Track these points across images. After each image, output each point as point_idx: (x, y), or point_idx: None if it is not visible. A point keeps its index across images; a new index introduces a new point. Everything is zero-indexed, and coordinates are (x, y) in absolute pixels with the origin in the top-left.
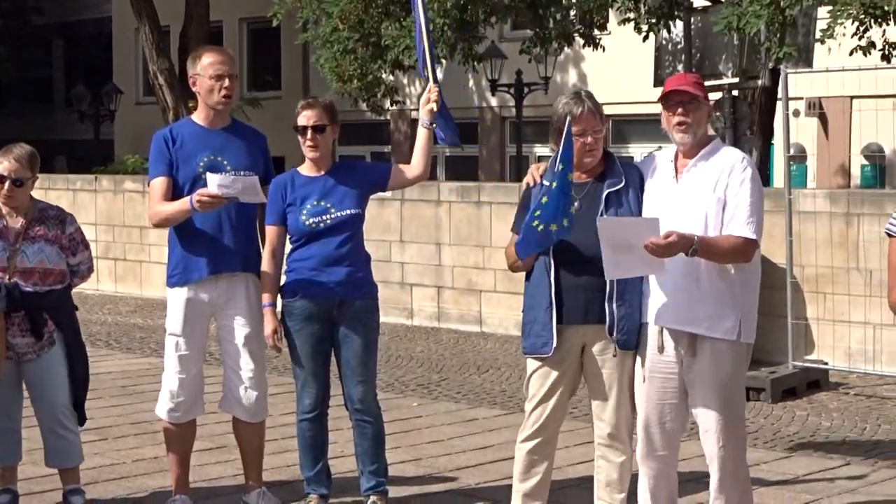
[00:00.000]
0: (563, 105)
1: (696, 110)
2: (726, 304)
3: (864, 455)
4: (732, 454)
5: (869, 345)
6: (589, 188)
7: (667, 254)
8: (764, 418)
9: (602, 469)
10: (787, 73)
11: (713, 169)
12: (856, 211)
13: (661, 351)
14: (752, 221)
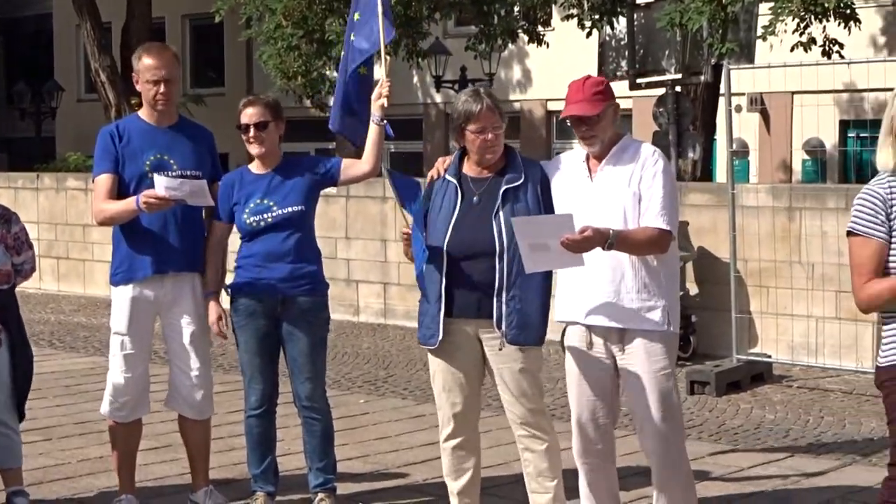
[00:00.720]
0: (462, 103)
1: (599, 122)
2: (653, 295)
3: (808, 447)
4: (672, 446)
5: (811, 338)
6: (488, 183)
7: (583, 248)
8: (709, 411)
9: (529, 461)
10: (730, 68)
11: (626, 165)
12: (798, 205)
13: (590, 348)
14: (665, 213)
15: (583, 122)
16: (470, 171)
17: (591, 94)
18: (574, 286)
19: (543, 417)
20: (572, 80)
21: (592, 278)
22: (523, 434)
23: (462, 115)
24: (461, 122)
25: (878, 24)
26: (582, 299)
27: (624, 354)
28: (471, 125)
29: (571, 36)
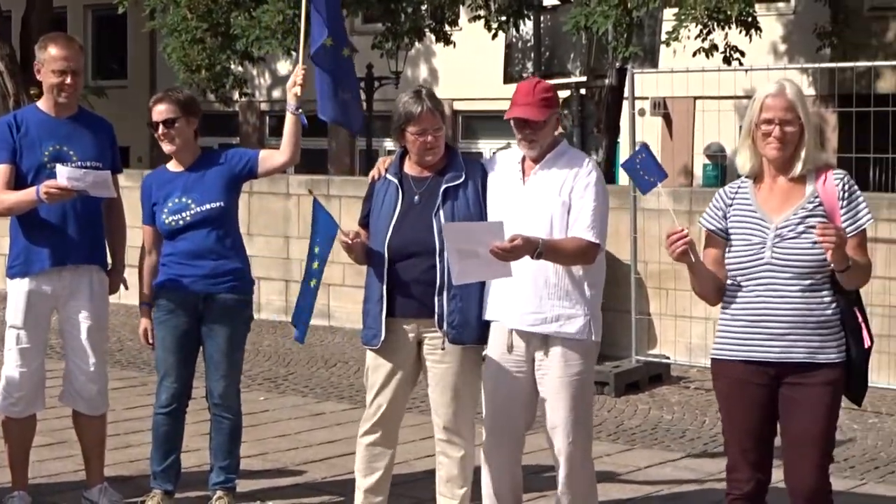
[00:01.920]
0: (402, 105)
1: (543, 128)
2: (576, 303)
3: (704, 447)
4: (580, 449)
5: (709, 339)
6: (428, 183)
7: (511, 257)
8: (608, 411)
9: (443, 465)
10: (634, 72)
11: (559, 172)
12: (698, 209)
13: (511, 351)
14: (594, 226)
15: (527, 126)
16: (411, 170)
17: (539, 99)
18: (500, 288)
19: (467, 424)
20: (479, 79)
21: (518, 282)
22: (443, 438)
23: (403, 116)
24: (402, 123)
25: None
26: (506, 302)
27: (543, 359)
28: (411, 127)
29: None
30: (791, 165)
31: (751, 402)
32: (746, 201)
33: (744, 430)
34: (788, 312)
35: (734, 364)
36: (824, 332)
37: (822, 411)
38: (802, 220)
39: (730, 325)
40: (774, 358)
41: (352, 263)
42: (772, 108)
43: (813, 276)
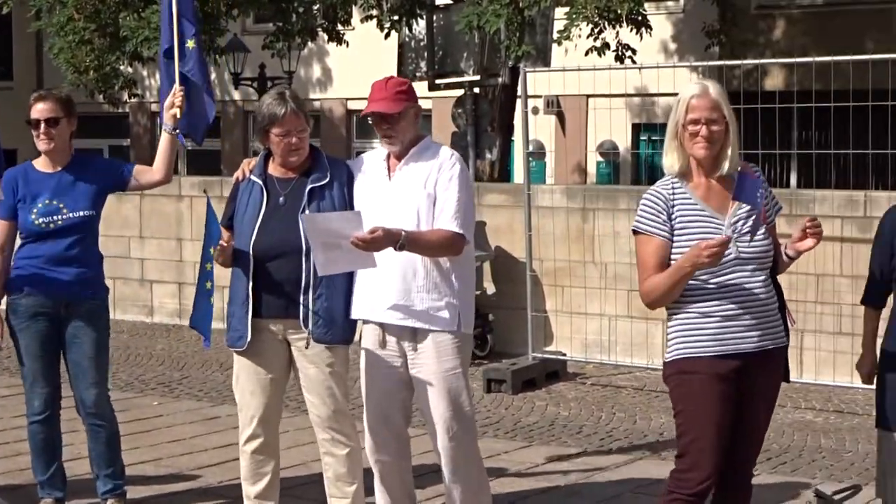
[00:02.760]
0: (266, 106)
1: (400, 121)
2: (445, 296)
3: (600, 442)
4: (462, 444)
5: (605, 335)
6: (293, 184)
7: (373, 248)
8: (505, 409)
9: (329, 465)
10: (526, 71)
11: (424, 166)
12: (591, 206)
13: (383, 346)
14: (459, 217)
15: (384, 120)
16: (275, 171)
17: (393, 93)
18: (368, 284)
19: (347, 421)
20: (373, 79)
21: (385, 277)
22: (325, 438)
23: (266, 117)
24: (265, 124)
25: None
26: (375, 297)
27: (415, 354)
28: (275, 128)
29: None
30: (718, 164)
31: (723, 397)
32: (690, 201)
33: (714, 429)
34: (757, 303)
35: (710, 360)
36: (777, 318)
37: (774, 397)
38: (749, 214)
39: (703, 323)
40: (751, 348)
41: None
42: (697, 108)
43: (766, 267)
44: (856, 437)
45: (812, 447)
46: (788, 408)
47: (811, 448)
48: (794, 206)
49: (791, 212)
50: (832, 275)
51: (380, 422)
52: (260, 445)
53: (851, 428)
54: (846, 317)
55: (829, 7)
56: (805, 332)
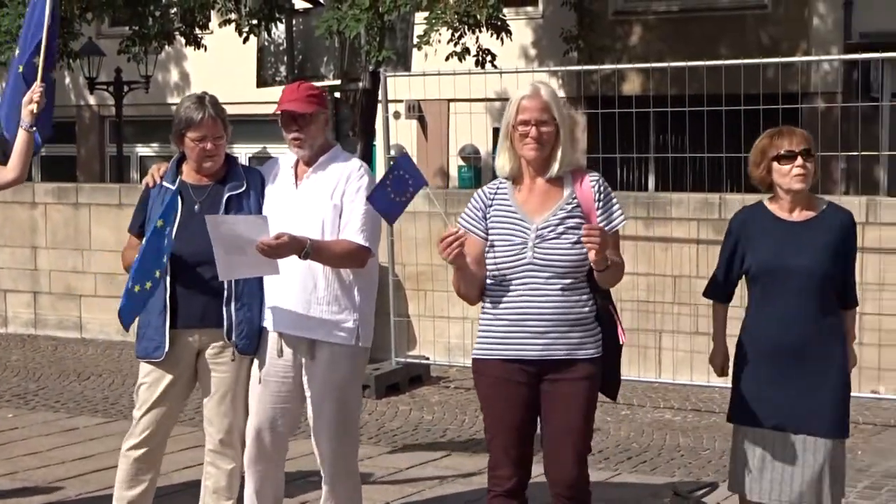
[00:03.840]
0: (184, 109)
1: (310, 124)
2: (345, 309)
3: (464, 446)
4: (345, 454)
5: (467, 339)
6: (210, 191)
7: (277, 254)
8: (369, 414)
9: (210, 475)
10: (387, 76)
11: (331, 176)
12: (454, 210)
13: (280, 355)
14: (365, 229)
15: (295, 122)
16: (189, 178)
17: (305, 96)
18: (269, 293)
19: (239, 436)
20: (232, 83)
21: (286, 286)
22: (216, 450)
23: (183, 121)
24: (182, 128)
25: (528, 37)
26: (275, 307)
27: (311, 364)
28: (191, 132)
29: (230, 40)
30: (548, 166)
31: (513, 400)
32: (506, 202)
33: (506, 429)
34: (549, 311)
35: (497, 363)
36: (583, 329)
37: (581, 405)
38: (562, 221)
39: (492, 325)
40: (536, 356)
41: (105, 272)
42: (528, 110)
43: (572, 276)
44: (713, 435)
45: (671, 446)
46: (647, 407)
47: (670, 447)
48: (652, 209)
49: (649, 215)
50: (689, 276)
51: (266, 430)
52: (145, 454)
53: (709, 426)
54: (703, 317)
55: (685, 13)
56: (663, 332)
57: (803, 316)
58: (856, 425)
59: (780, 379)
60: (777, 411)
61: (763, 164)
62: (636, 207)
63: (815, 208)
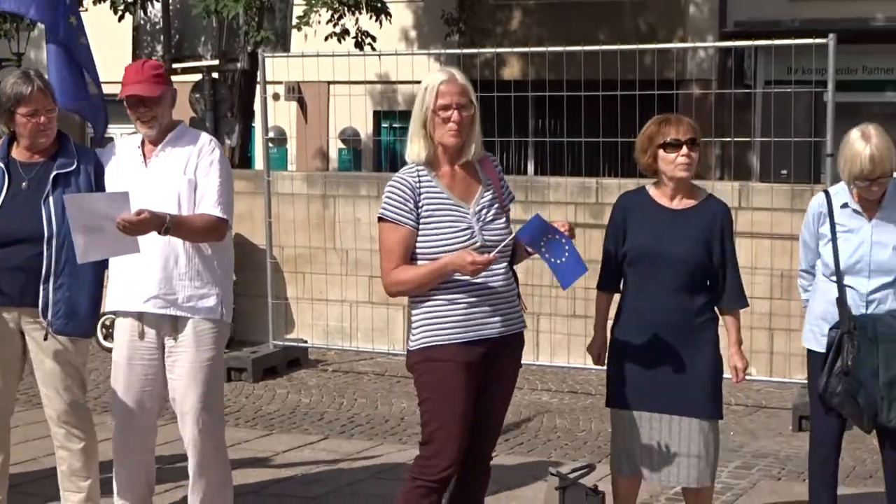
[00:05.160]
0: (10, 86)
1: (158, 105)
2: (207, 283)
3: (342, 429)
4: (212, 435)
5: (346, 322)
6: (38, 168)
7: (138, 231)
8: (245, 398)
9: (63, 459)
10: (265, 57)
11: (182, 152)
12: (332, 193)
13: (142, 338)
14: (221, 202)
15: (142, 104)
16: (19, 155)
17: (150, 76)
18: (127, 274)
19: (83, 415)
20: (107, 62)
21: (145, 265)
22: (60, 432)
23: (12, 97)
24: (10, 105)
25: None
26: (134, 287)
27: (174, 343)
28: (21, 108)
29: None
30: (464, 152)
31: (468, 386)
32: (435, 189)
33: (457, 416)
34: (500, 289)
35: (456, 347)
36: (517, 304)
37: (516, 376)
38: (490, 203)
39: (448, 310)
40: (495, 333)
41: None
42: (448, 94)
43: (508, 254)
44: (589, 416)
45: (548, 427)
46: (525, 389)
47: (547, 428)
48: (531, 192)
49: (527, 198)
50: None
51: (132, 414)
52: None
53: (585, 408)
54: (580, 300)
55: None
56: (541, 315)
57: (677, 300)
58: (728, 406)
59: (655, 362)
60: (652, 394)
61: (650, 150)
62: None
63: (695, 197)
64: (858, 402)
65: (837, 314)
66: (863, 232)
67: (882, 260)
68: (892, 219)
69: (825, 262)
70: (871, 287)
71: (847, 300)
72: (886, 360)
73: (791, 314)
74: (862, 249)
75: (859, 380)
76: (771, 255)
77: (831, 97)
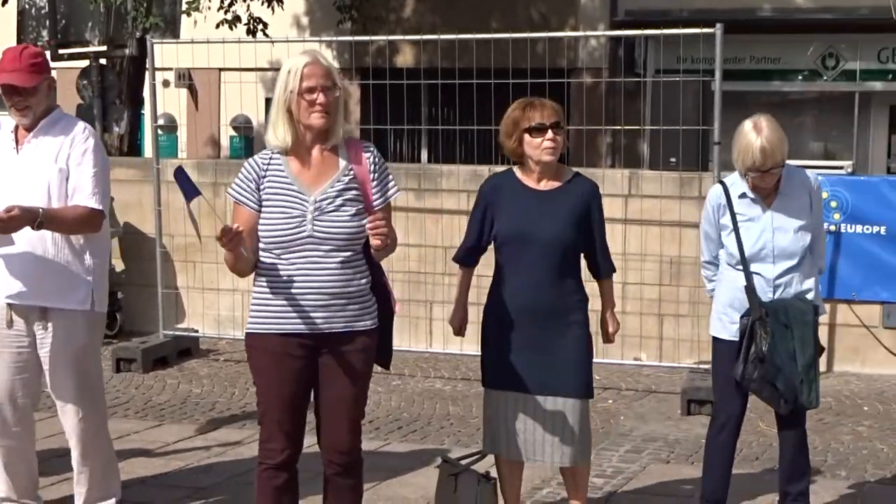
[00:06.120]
0: None
1: (34, 94)
2: (77, 274)
3: (233, 418)
4: (92, 424)
5: (237, 311)
6: None
7: (10, 229)
8: (135, 388)
9: None
10: (154, 43)
11: (55, 140)
12: (223, 181)
13: (10, 326)
14: (97, 192)
15: (16, 93)
16: None
17: (27, 65)
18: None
19: None
20: None
21: (14, 256)
22: None
23: None
24: None
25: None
26: (3, 277)
27: (45, 333)
28: None
29: None
30: (328, 136)
31: (288, 374)
32: (281, 174)
33: (281, 403)
34: (329, 284)
35: (273, 337)
36: (360, 301)
37: (358, 376)
38: (340, 193)
39: (269, 299)
40: (317, 329)
41: None
42: (313, 76)
43: (351, 248)
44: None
45: (441, 415)
46: (419, 377)
47: (440, 416)
48: (424, 180)
49: (420, 186)
50: None
51: (7, 405)
52: None
53: (478, 394)
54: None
55: None
56: (434, 303)
57: (546, 281)
58: (618, 391)
59: (526, 342)
60: (524, 374)
61: (515, 135)
62: (408, 179)
63: (562, 178)
64: (777, 387)
65: (746, 301)
66: (763, 219)
67: (784, 245)
68: (789, 204)
69: (729, 251)
70: (776, 272)
71: (755, 287)
72: (802, 343)
73: (679, 300)
74: (765, 236)
75: (776, 365)
76: (660, 242)
77: (718, 86)
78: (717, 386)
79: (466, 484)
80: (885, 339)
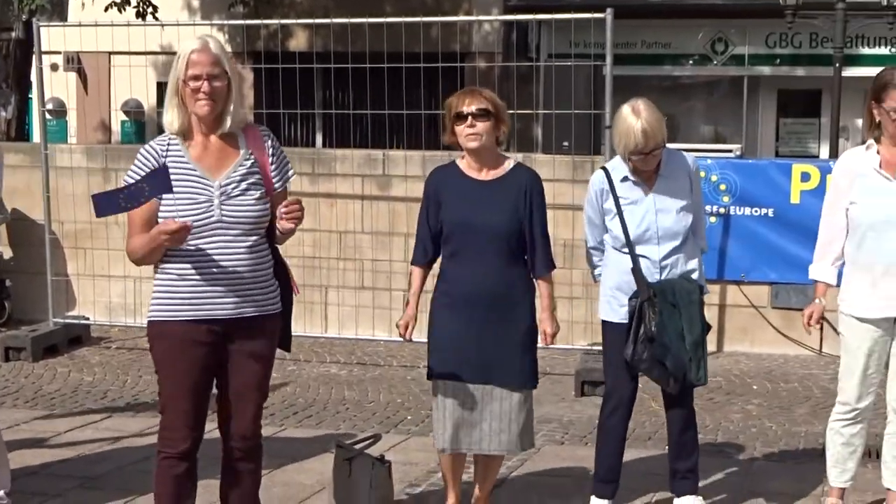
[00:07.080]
0: None
1: None
2: None
3: (126, 406)
4: None
5: (129, 298)
6: None
7: None
8: (25, 377)
9: None
10: (41, 26)
11: None
12: (113, 166)
13: None
14: None
15: None
16: None
17: None
18: None
19: None
20: None
21: None
22: None
23: None
24: None
25: None
26: None
27: None
28: None
29: None
30: (220, 122)
31: (194, 362)
32: (182, 159)
33: (186, 391)
34: (239, 269)
35: (180, 324)
36: (266, 285)
37: (265, 361)
38: (244, 178)
39: (175, 285)
40: (227, 315)
41: None
42: (199, 64)
43: (257, 232)
44: (378, 387)
45: (336, 399)
46: (314, 362)
47: (336, 400)
48: (318, 165)
49: (314, 171)
50: (353, 231)
51: None
52: None
53: (374, 379)
54: (368, 272)
55: None
56: (329, 287)
57: (491, 271)
58: None
59: (472, 333)
60: (469, 364)
61: (449, 125)
62: (302, 163)
63: (502, 167)
64: (666, 366)
65: (633, 284)
66: (646, 202)
67: (668, 225)
68: (670, 185)
69: (615, 235)
70: (662, 253)
71: (642, 269)
72: (689, 322)
73: (573, 283)
74: (648, 218)
75: (665, 344)
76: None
77: (609, 70)
78: (609, 368)
79: (361, 468)
80: (773, 318)
